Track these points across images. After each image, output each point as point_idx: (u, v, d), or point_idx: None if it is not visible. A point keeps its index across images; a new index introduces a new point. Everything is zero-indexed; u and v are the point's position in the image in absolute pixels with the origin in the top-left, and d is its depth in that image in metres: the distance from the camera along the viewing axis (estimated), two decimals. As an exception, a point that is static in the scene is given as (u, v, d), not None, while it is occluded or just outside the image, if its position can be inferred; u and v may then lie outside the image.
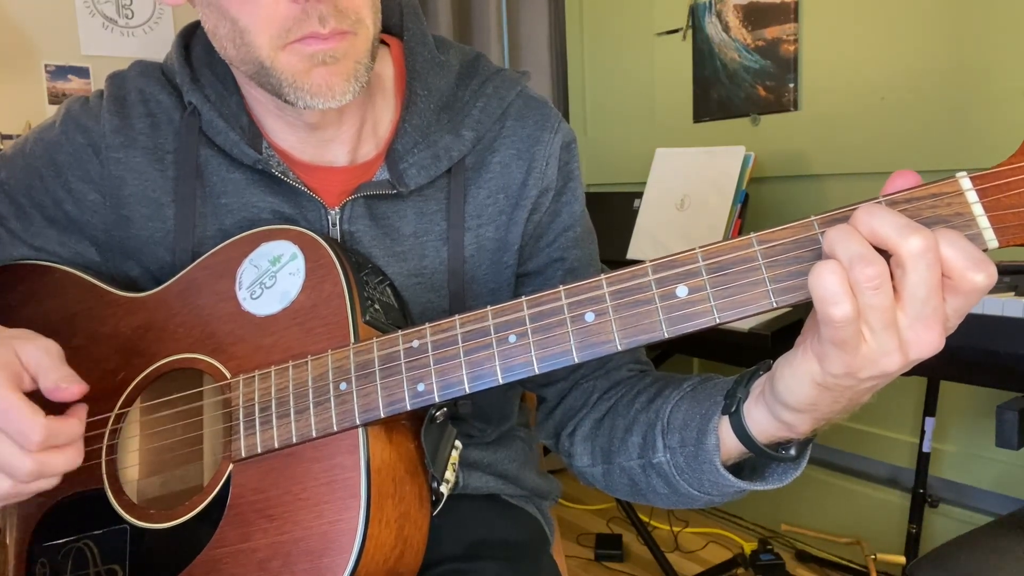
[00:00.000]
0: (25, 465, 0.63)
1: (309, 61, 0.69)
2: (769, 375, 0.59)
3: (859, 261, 0.47)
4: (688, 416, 0.68)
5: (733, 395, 0.63)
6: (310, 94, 0.70)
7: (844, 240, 0.48)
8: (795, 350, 0.55)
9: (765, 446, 0.62)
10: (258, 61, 0.69)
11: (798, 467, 0.64)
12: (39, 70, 2.27)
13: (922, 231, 0.46)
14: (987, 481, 1.87)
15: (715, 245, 0.55)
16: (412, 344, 0.64)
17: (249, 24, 0.68)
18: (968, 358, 1.24)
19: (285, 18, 0.67)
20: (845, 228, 0.49)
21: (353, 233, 0.80)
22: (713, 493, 0.69)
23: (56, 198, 0.83)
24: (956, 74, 1.78)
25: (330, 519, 0.64)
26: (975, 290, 0.47)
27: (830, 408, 0.56)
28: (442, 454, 0.72)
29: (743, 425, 0.62)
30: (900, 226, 0.47)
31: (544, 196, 0.85)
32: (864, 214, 0.48)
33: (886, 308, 0.48)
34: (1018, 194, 0.48)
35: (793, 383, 0.55)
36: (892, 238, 0.47)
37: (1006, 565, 1.07)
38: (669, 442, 0.69)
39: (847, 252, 0.48)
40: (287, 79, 0.69)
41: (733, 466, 0.66)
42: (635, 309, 0.57)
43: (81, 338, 0.80)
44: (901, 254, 0.47)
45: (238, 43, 0.70)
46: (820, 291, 0.48)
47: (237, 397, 0.70)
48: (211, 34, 0.74)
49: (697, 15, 2.34)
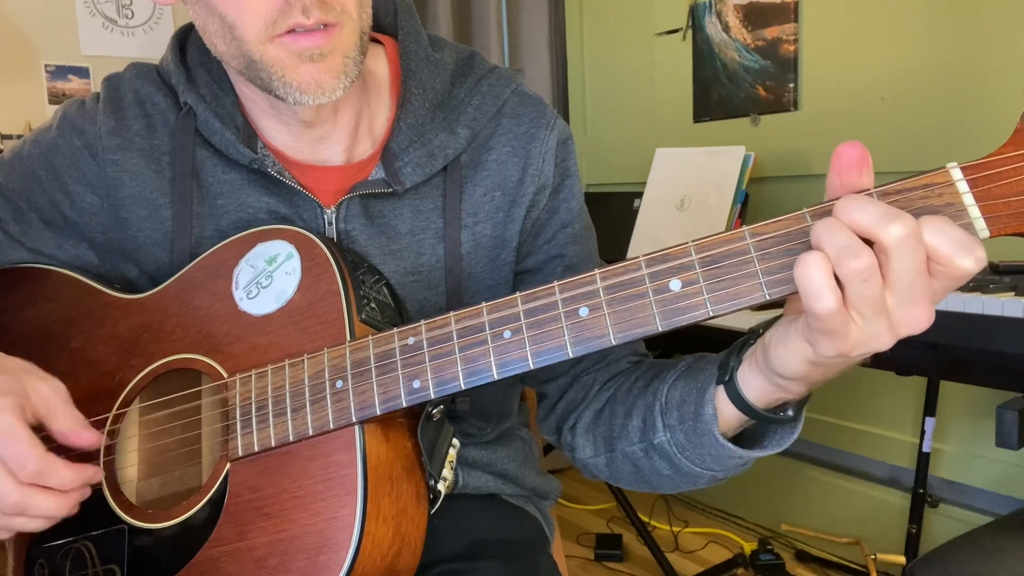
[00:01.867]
0: (12, 495, 0.63)
1: (297, 58, 0.69)
2: (762, 345, 0.59)
3: (847, 254, 0.47)
4: (685, 392, 0.69)
5: (726, 365, 0.64)
6: (299, 90, 0.70)
7: (830, 233, 0.48)
8: (787, 329, 0.56)
9: (763, 410, 0.62)
10: (247, 55, 0.70)
11: (795, 430, 0.65)
12: (39, 70, 2.28)
13: (902, 217, 0.47)
14: (987, 481, 1.87)
15: (708, 238, 0.55)
16: (408, 341, 0.64)
17: (236, 19, 0.68)
18: (968, 358, 1.24)
19: (270, 11, 0.67)
20: (831, 221, 0.49)
21: (349, 232, 0.80)
22: (716, 468, 0.69)
23: (53, 201, 0.83)
24: (956, 74, 1.78)
25: (327, 516, 0.64)
26: (964, 275, 0.48)
27: (824, 377, 0.58)
28: (439, 452, 0.72)
29: (739, 392, 0.63)
30: (879, 215, 0.47)
31: (541, 193, 0.85)
32: (843, 206, 0.48)
33: (876, 297, 0.48)
34: (1008, 183, 0.49)
35: (787, 360, 0.56)
36: (872, 227, 0.47)
37: (1006, 565, 1.07)
38: (668, 420, 0.70)
39: (834, 245, 0.48)
40: (276, 73, 0.70)
41: (733, 438, 0.67)
42: (629, 303, 0.57)
43: (79, 340, 0.80)
44: (883, 242, 0.47)
45: (227, 39, 0.70)
46: (805, 285, 0.48)
47: (234, 396, 0.70)
48: (202, 31, 0.74)
49: (697, 15, 2.34)
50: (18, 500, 0.63)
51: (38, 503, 0.64)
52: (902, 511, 1.89)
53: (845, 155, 0.51)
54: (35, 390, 0.67)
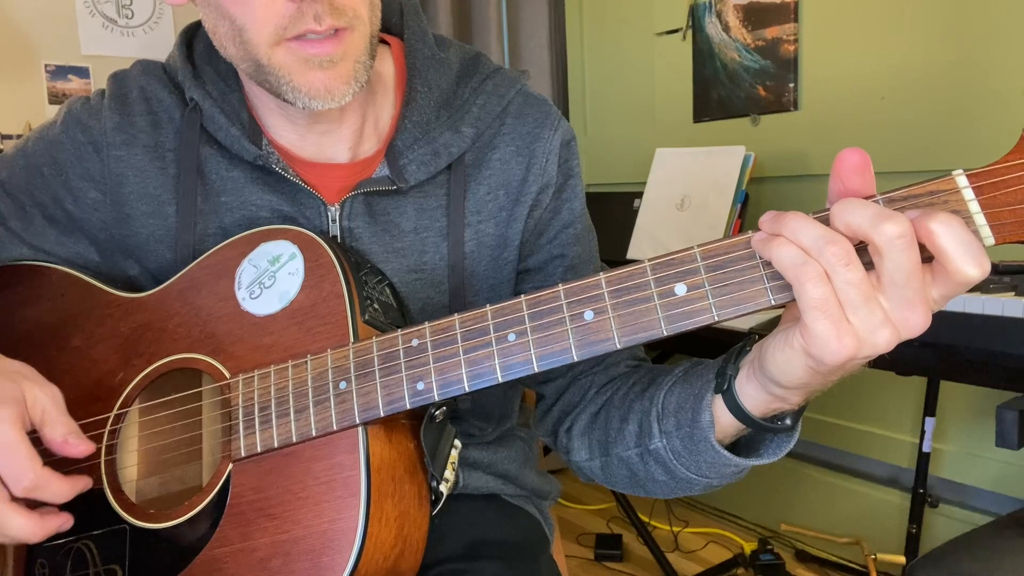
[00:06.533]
0: None
1: (305, 63, 0.69)
2: (758, 357, 0.59)
3: (823, 242, 0.48)
4: (681, 399, 0.69)
5: (723, 373, 0.64)
6: (308, 95, 0.70)
7: (803, 228, 0.49)
8: (785, 335, 0.55)
9: (761, 420, 0.62)
10: (255, 59, 0.70)
11: (792, 438, 0.65)
12: (39, 70, 2.28)
13: (895, 217, 0.47)
14: (987, 481, 1.87)
15: (713, 244, 0.55)
16: (412, 343, 0.64)
17: (246, 23, 0.68)
18: (968, 358, 1.24)
19: (281, 16, 0.67)
20: (799, 219, 0.50)
21: (353, 230, 0.80)
22: (711, 475, 0.69)
23: (56, 196, 0.83)
24: (956, 74, 1.78)
25: (330, 518, 0.64)
26: (967, 282, 0.48)
27: (822, 386, 0.57)
28: (441, 453, 0.72)
29: (737, 401, 0.62)
30: (871, 215, 0.48)
31: (544, 193, 0.85)
32: (839, 209, 0.49)
33: (861, 280, 0.49)
34: (1014, 191, 0.49)
35: (786, 366, 0.56)
36: (864, 227, 0.48)
37: (1006, 565, 1.07)
38: (665, 427, 0.70)
39: (808, 237, 0.49)
40: (284, 77, 0.70)
41: (729, 447, 0.67)
42: (634, 307, 0.57)
43: (79, 339, 0.80)
44: (875, 242, 0.47)
45: (237, 41, 0.70)
46: (785, 261, 0.49)
47: (237, 397, 0.70)
48: (211, 33, 0.74)
49: (697, 15, 2.34)
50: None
51: (14, 524, 0.64)
52: (902, 511, 1.90)
53: (847, 161, 0.51)
54: (31, 395, 0.67)
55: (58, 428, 0.68)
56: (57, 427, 0.68)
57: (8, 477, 0.63)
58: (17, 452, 0.63)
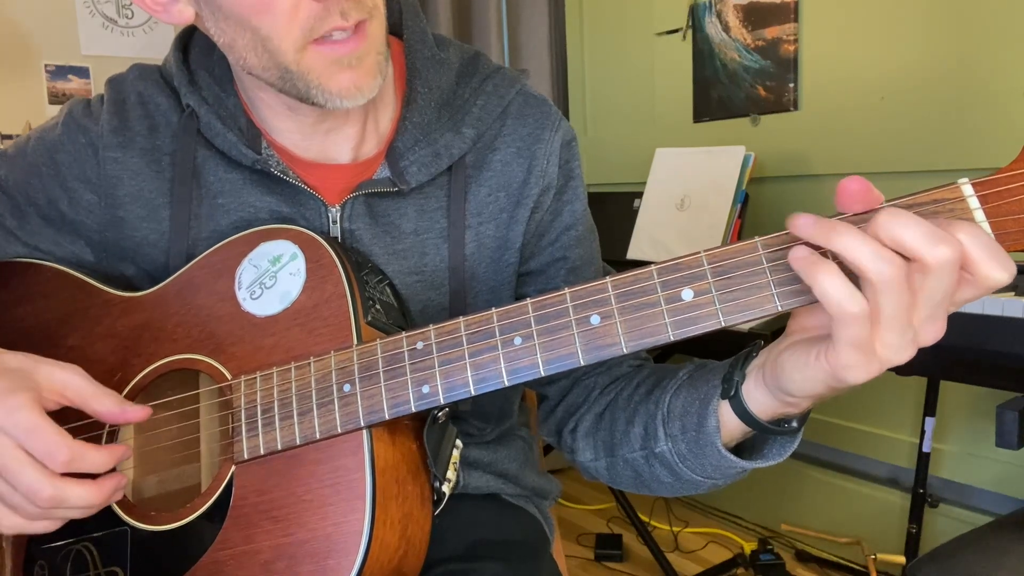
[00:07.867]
0: (46, 489, 0.62)
1: (335, 65, 0.69)
2: (772, 372, 0.59)
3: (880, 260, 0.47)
4: (687, 403, 0.69)
5: (730, 379, 0.64)
6: (339, 97, 0.70)
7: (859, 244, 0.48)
8: (806, 354, 0.55)
9: (768, 423, 0.63)
10: (283, 66, 0.69)
11: (795, 440, 0.65)
12: (39, 70, 2.27)
13: (949, 240, 0.46)
14: (987, 481, 1.87)
15: (720, 249, 0.55)
16: (416, 346, 0.64)
17: (272, 31, 0.67)
18: (968, 358, 1.24)
19: (307, 18, 0.67)
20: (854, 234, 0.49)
21: (353, 231, 0.80)
22: (716, 477, 0.70)
23: (52, 196, 0.83)
24: (956, 74, 1.78)
25: (335, 521, 0.64)
26: (994, 286, 0.48)
27: (834, 394, 0.58)
28: (444, 454, 0.72)
29: (745, 407, 0.63)
30: (926, 234, 0.47)
31: (545, 194, 0.85)
32: (887, 222, 0.48)
33: (907, 308, 0.48)
34: (1018, 200, 0.49)
35: (806, 386, 0.56)
36: (918, 246, 0.47)
37: (1006, 565, 1.07)
38: (670, 430, 0.70)
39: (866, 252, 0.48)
40: (313, 81, 0.70)
41: (734, 448, 0.67)
42: (641, 312, 0.57)
43: (76, 338, 0.80)
44: (928, 263, 0.47)
45: (260, 51, 0.69)
46: (832, 297, 0.48)
47: (238, 398, 0.70)
48: (228, 48, 0.73)
49: (697, 15, 2.34)
50: (53, 493, 0.62)
51: (73, 494, 0.63)
52: (902, 511, 1.90)
53: (848, 190, 0.51)
54: (52, 378, 0.66)
55: (106, 400, 0.66)
56: (104, 399, 0.66)
57: (44, 456, 0.62)
58: (43, 431, 0.62)
